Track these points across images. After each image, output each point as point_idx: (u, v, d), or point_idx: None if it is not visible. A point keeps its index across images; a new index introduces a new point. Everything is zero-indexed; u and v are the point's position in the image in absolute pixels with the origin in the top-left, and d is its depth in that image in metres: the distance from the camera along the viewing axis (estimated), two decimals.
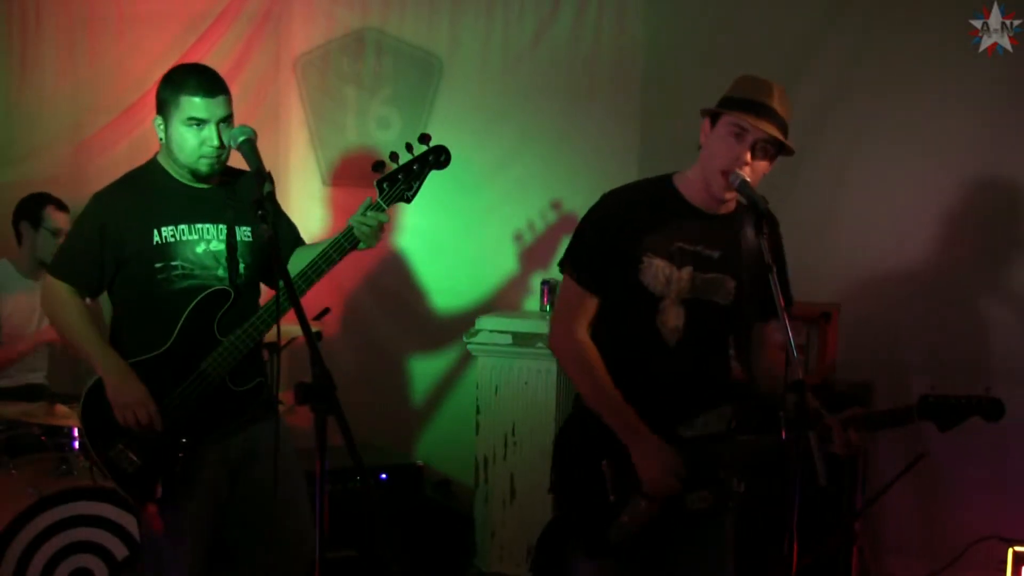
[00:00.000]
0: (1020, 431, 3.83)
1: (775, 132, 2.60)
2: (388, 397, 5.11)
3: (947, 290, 4.34)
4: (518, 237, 4.95)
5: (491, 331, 4.63)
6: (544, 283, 4.83)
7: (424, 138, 3.05)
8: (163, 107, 2.92)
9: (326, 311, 4.36)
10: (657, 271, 2.67)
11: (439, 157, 3.07)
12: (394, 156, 3.03)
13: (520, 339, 4.56)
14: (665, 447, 2.64)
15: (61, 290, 2.96)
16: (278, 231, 2.84)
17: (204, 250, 2.96)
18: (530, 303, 4.97)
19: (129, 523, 3.62)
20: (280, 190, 3.32)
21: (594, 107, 4.86)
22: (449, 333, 5.00)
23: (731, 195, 2.68)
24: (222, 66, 3.87)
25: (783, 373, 2.38)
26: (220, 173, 3.01)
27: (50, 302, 3.01)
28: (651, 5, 4.77)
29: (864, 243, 4.44)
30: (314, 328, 2.46)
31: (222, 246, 2.99)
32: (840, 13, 4.47)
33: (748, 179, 2.59)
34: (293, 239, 3.19)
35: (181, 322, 2.90)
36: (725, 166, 2.61)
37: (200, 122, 2.87)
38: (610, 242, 2.70)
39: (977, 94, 4.24)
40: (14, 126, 4.67)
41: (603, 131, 4.84)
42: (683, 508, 2.66)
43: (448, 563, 4.62)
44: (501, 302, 4.98)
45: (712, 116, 2.68)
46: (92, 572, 3.65)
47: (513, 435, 4.58)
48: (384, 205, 3.00)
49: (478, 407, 4.66)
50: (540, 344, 4.47)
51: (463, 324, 4.83)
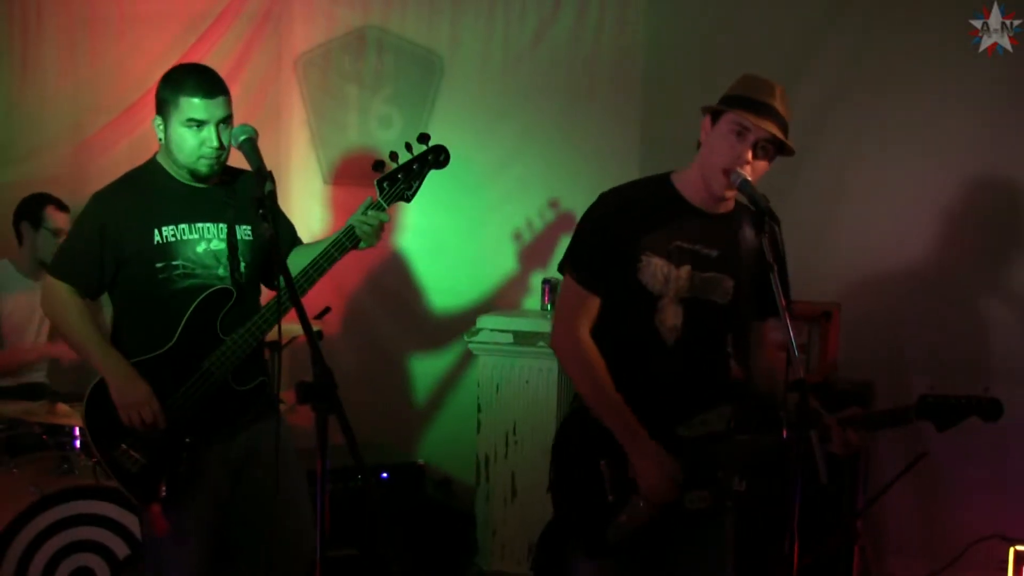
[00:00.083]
0: (1020, 431, 3.84)
1: (777, 132, 2.59)
2: (389, 396, 5.11)
3: (947, 289, 4.34)
4: (519, 236, 4.95)
5: (492, 330, 4.63)
6: (545, 282, 4.84)
7: (423, 138, 3.06)
8: (162, 107, 2.92)
9: (327, 310, 4.37)
10: (656, 270, 2.67)
11: (438, 157, 3.08)
12: (394, 156, 3.04)
13: (521, 338, 4.56)
14: (663, 453, 2.63)
15: (61, 290, 2.94)
16: (277, 230, 2.84)
17: (205, 249, 2.96)
18: (531, 302, 4.97)
19: (131, 522, 3.61)
20: (281, 189, 3.32)
21: (594, 107, 4.86)
22: (450, 332, 5.00)
23: (731, 194, 2.68)
24: (223, 66, 3.88)
25: (782, 372, 2.39)
26: (220, 172, 3.00)
27: (50, 302, 3.00)
28: (651, 5, 4.77)
29: (864, 243, 4.44)
30: (315, 327, 2.46)
31: (223, 245, 2.98)
32: (840, 13, 4.47)
33: (749, 178, 2.58)
34: (291, 238, 3.19)
35: (184, 321, 2.90)
36: (726, 164, 2.60)
37: (199, 123, 2.87)
38: (609, 241, 2.70)
39: (977, 94, 4.24)
40: (15, 126, 4.68)
41: (603, 131, 4.84)
42: (682, 508, 2.66)
43: (449, 562, 4.63)
44: (502, 301, 4.98)
45: (713, 114, 2.67)
46: (93, 571, 3.65)
47: (514, 434, 4.59)
48: (384, 204, 3.00)
49: (479, 406, 4.67)
50: (541, 343, 4.47)
51: (464, 323, 4.82)
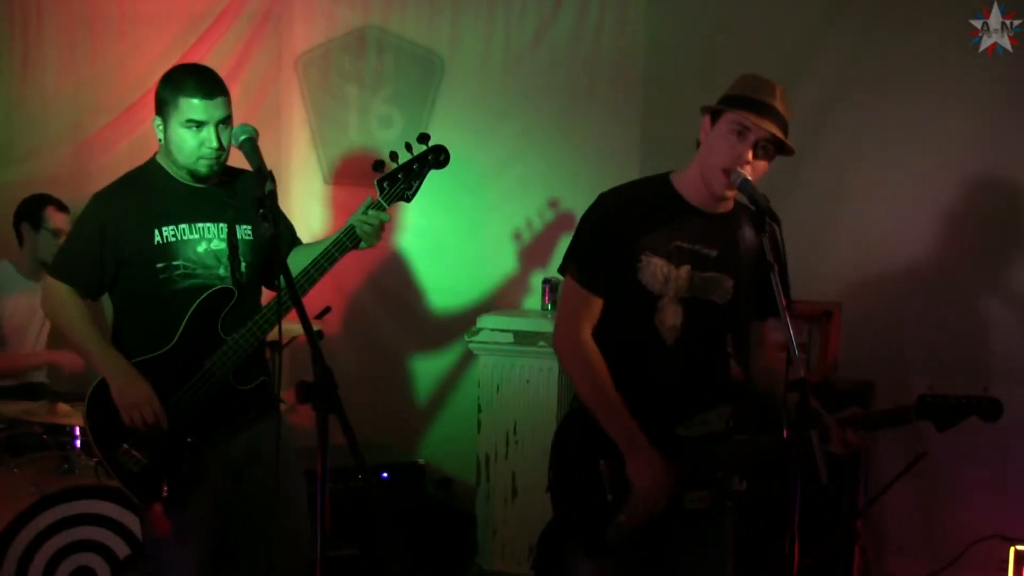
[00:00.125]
0: (1020, 431, 3.84)
1: (777, 131, 2.59)
2: (389, 396, 5.11)
3: (947, 289, 4.34)
4: (519, 236, 4.96)
5: (492, 330, 4.63)
6: (545, 282, 4.84)
7: (423, 137, 3.06)
8: (162, 108, 2.91)
9: (327, 310, 4.36)
10: (655, 270, 2.67)
11: (438, 157, 3.08)
12: (394, 156, 3.04)
13: (521, 338, 4.56)
14: (661, 460, 2.62)
15: (61, 291, 2.94)
16: (277, 230, 2.84)
17: (205, 249, 2.96)
18: (531, 302, 4.98)
19: (131, 522, 3.61)
20: (281, 189, 3.32)
21: (594, 107, 4.86)
22: (450, 332, 5.00)
23: (731, 194, 2.68)
24: (223, 66, 3.89)
25: (781, 372, 2.38)
26: (219, 173, 3.00)
27: (50, 303, 2.99)
28: (651, 5, 4.78)
29: (864, 243, 4.44)
30: (315, 327, 2.46)
31: (223, 245, 2.98)
32: (840, 13, 4.47)
33: (749, 178, 2.58)
34: (290, 238, 3.19)
35: (185, 321, 2.90)
36: (726, 164, 2.60)
37: (199, 124, 2.87)
38: (609, 241, 2.69)
39: (977, 94, 4.24)
40: (15, 126, 4.67)
41: (603, 131, 4.84)
42: (682, 508, 2.66)
43: (450, 561, 4.63)
44: (502, 301, 4.98)
45: (713, 114, 2.67)
46: (94, 571, 3.65)
47: (515, 433, 4.59)
48: (385, 204, 3.00)
49: (479, 406, 4.67)
50: (541, 342, 4.47)
51: (464, 323, 4.83)
